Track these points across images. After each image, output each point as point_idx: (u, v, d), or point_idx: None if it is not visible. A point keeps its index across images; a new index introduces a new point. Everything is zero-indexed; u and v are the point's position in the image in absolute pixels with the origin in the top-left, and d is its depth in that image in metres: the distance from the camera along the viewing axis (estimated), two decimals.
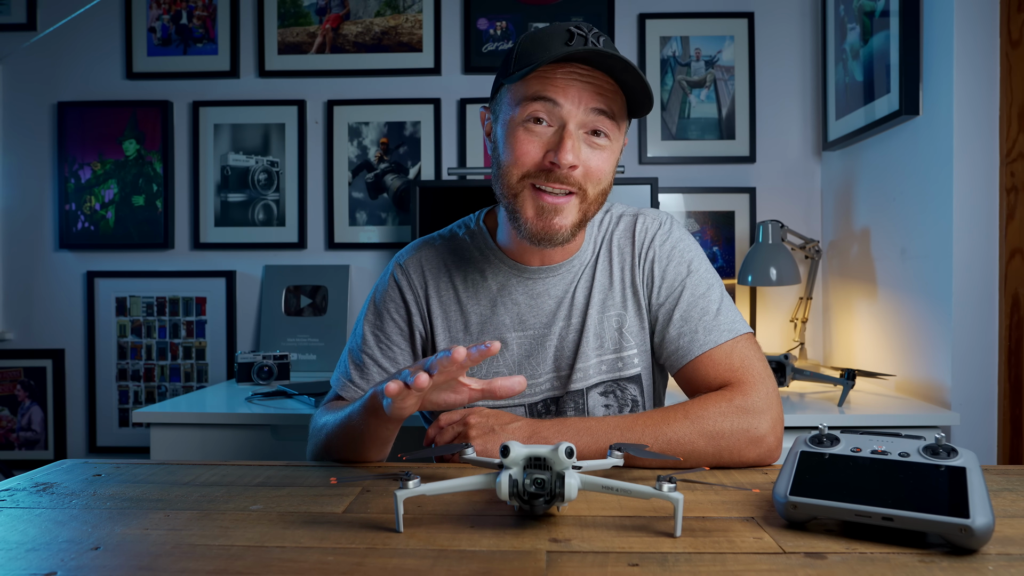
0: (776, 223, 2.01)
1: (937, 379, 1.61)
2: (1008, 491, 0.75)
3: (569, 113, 0.89)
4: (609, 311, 1.02)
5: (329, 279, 2.26)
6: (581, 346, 1.01)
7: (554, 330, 1.02)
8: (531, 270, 1.03)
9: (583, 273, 1.04)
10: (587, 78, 0.89)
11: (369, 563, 0.57)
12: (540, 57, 0.88)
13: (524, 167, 0.91)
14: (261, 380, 1.93)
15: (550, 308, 1.03)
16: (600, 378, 1.02)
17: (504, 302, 1.03)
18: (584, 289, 1.03)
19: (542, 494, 0.62)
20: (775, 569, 0.55)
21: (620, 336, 1.02)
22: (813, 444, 0.67)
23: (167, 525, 0.67)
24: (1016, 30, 1.51)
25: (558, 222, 0.92)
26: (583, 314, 1.02)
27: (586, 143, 0.91)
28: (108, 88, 2.31)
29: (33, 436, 2.32)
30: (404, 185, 2.27)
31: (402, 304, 1.06)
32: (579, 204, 0.93)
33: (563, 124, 0.90)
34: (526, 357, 1.02)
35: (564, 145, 0.88)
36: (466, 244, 1.07)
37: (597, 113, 0.90)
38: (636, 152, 2.27)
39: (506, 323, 1.02)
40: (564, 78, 0.89)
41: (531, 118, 0.90)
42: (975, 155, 1.55)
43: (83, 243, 2.30)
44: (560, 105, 0.89)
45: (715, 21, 2.24)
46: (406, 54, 2.28)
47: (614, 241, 1.05)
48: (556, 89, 0.89)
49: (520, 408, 1.02)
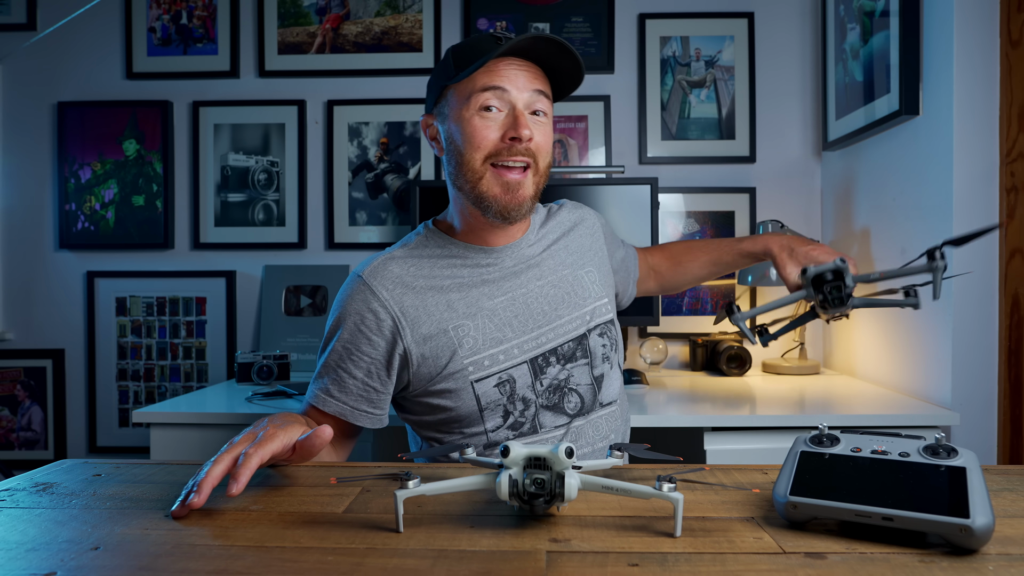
0: (776, 223, 2.01)
1: (937, 379, 1.61)
2: (1008, 491, 0.75)
3: (516, 96, 1.04)
4: (585, 267, 1.19)
5: (329, 279, 2.26)
6: (567, 298, 1.13)
7: (532, 289, 1.11)
8: (496, 250, 1.12)
9: (546, 241, 1.18)
10: (523, 67, 1.05)
11: (369, 563, 0.57)
12: (478, 58, 1.02)
13: (486, 149, 1.04)
14: (261, 380, 1.93)
15: (521, 271, 1.12)
16: (597, 321, 1.15)
17: (478, 280, 1.10)
18: (551, 252, 1.17)
19: (542, 494, 0.62)
20: (775, 569, 0.55)
21: (598, 288, 1.18)
22: (813, 444, 0.67)
23: (167, 525, 0.67)
24: (1016, 30, 1.51)
25: (521, 194, 1.05)
26: (558, 272, 1.15)
27: (532, 121, 1.05)
28: (108, 88, 2.32)
29: (33, 436, 2.32)
30: (404, 185, 2.27)
31: (370, 314, 1.06)
32: (533, 177, 1.07)
33: (512, 106, 1.04)
34: (514, 317, 1.08)
35: (520, 122, 1.02)
36: (426, 245, 1.14)
37: (538, 94, 1.05)
38: (636, 152, 2.27)
39: (485, 293, 1.09)
40: (505, 69, 1.03)
41: (484, 107, 1.03)
42: (975, 155, 1.55)
43: (83, 243, 2.30)
44: (507, 90, 1.03)
45: (715, 21, 2.24)
46: (406, 54, 2.28)
47: (564, 218, 1.24)
48: (501, 78, 1.03)
49: (523, 364, 1.07)
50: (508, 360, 1.06)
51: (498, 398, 1.05)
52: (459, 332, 1.05)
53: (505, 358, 1.06)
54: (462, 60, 1.04)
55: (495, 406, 1.05)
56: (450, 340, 1.04)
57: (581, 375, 1.11)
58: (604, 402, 1.13)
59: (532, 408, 1.07)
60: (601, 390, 1.13)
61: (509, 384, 1.06)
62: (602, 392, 1.13)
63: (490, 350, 1.05)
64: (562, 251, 1.18)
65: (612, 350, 1.16)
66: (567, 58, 1.04)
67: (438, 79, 1.09)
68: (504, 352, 1.06)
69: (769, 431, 1.53)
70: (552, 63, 1.06)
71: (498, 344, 1.06)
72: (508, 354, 1.06)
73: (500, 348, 1.06)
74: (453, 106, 1.06)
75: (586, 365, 1.12)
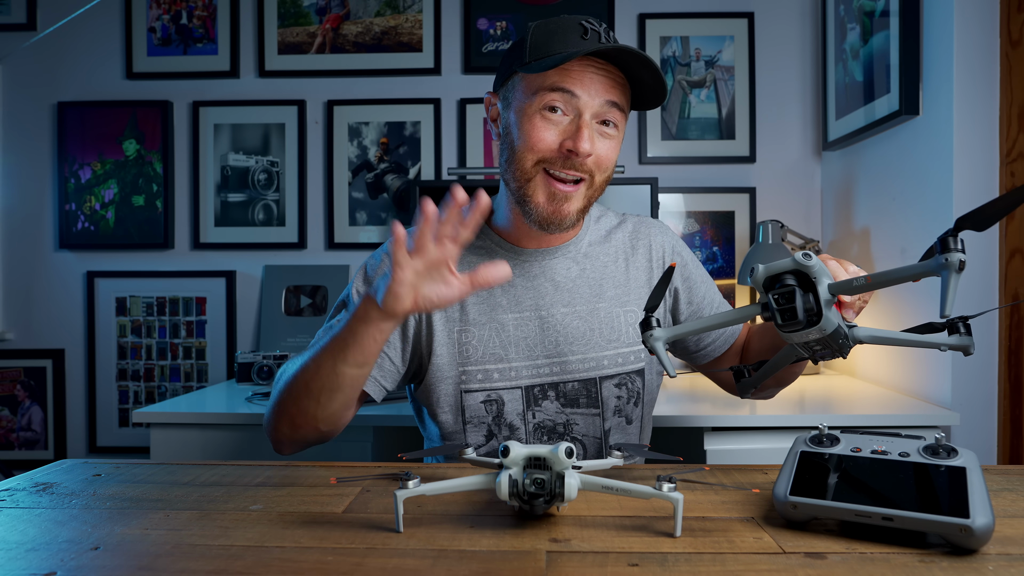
0: (776, 223, 2.01)
1: (937, 379, 1.61)
2: (1008, 491, 0.75)
3: (585, 104, 0.93)
4: (627, 306, 1.06)
5: (329, 279, 2.26)
6: (591, 335, 1.03)
7: (555, 314, 1.03)
8: (527, 252, 1.05)
9: (586, 263, 1.07)
10: (601, 71, 0.94)
11: (369, 563, 0.57)
12: (557, 49, 0.92)
13: (540, 152, 0.95)
14: (261, 380, 1.93)
15: (548, 291, 1.04)
16: (616, 370, 1.04)
17: (501, 284, 1.02)
18: (589, 279, 1.06)
19: (542, 494, 0.62)
20: (775, 569, 0.55)
21: (635, 332, 1.05)
22: (813, 444, 0.67)
23: (167, 525, 0.67)
24: (1016, 30, 1.51)
25: (567, 208, 0.96)
26: (591, 303, 1.04)
27: (597, 132, 0.95)
28: (108, 88, 2.31)
29: (33, 436, 2.31)
30: (404, 185, 2.27)
31: None
32: (586, 191, 0.97)
33: (579, 114, 0.94)
34: (523, 339, 1.02)
35: (582, 134, 0.92)
36: None
37: (610, 105, 0.95)
38: (636, 152, 2.27)
39: (503, 304, 1.03)
40: (580, 70, 0.93)
41: (548, 107, 0.94)
42: (975, 155, 1.55)
43: (83, 243, 2.30)
44: (577, 96, 0.93)
45: (715, 21, 2.24)
46: (406, 54, 2.28)
47: (621, 241, 1.10)
48: (574, 81, 0.93)
49: (516, 390, 1.02)
50: (502, 380, 1.01)
51: (483, 415, 1.02)
52: (464, 337, 1.02)
53: (500, 377, 1.01)
54: (539, 47, 0.94)
55: (479, 422, 1.02)
56: (453, 342, 1.02)
57: (588, 425, 1.03)
58: None
59: (521, 436, 1.02)
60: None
61: (497, 404, 1.02)
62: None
63: (486, 365, 1.01)
64: (607, 281, 1.06)
65: (630, 404, 1.05)
66: (649, 72, 0.94)
67: (510, 59, 0.99)
68: (499, 371, 1.01)
69: (769, 431, 1.53)
70: (634, 73, 0.96)
71: (497, 361, 1.01)
72: (503, 374, 1.01)
73: (496, 366, 1.01)
74: (518, 95, 0.97)
75: (596, 415, 1.03)
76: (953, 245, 0.56)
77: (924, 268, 0.57)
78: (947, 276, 0.56)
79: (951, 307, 0.55)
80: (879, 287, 0.61)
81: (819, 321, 0.60)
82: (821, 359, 0.66)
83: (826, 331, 0.61)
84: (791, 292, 0.60)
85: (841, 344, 0.63)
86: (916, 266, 0.58)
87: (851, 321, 0.73)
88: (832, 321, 0.61)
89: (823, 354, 0.65)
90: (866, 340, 0.64)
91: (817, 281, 0.61)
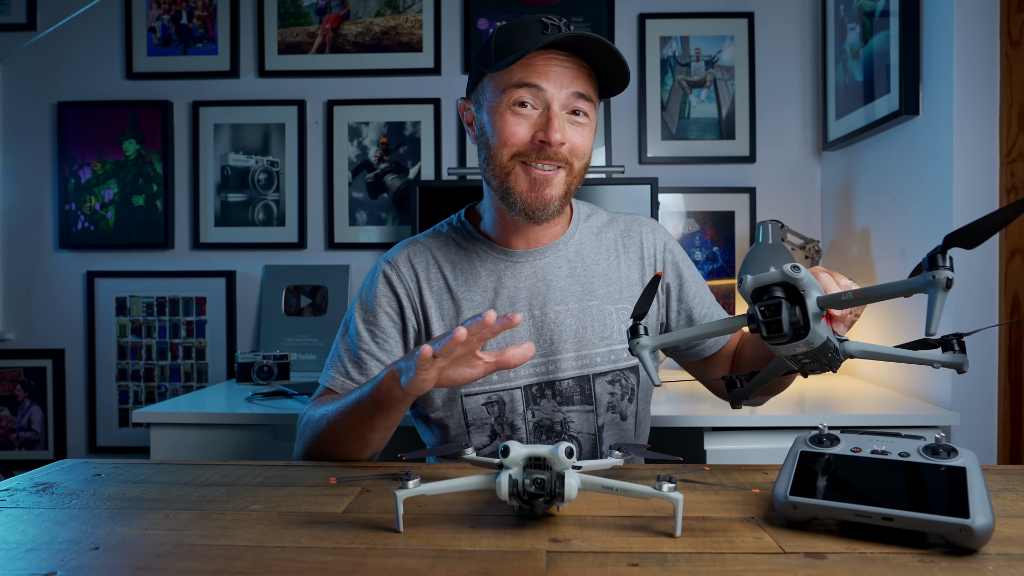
0: (776, 223, 2.01)
1: (937, 379, 1.61)
2: (1008, 491, 0.75)
3: (552, 96, 0.96)
4: (619, 304, 1.07)
5: (329, 279, 2.26)
6: (583, 333, 1.04)
7: (548, 313, 1.04)
8: (517, 253, 1.06)
9: (577, 261, 1.08)
10: (565, 63, 0.97)
11: (369, 563, 0.57)
12: (520, 46, 0.95)
13: (514, 147, 0.98)
14: (261, 380, 1.93)
15: (541, 290, 1.05)
16: (609, 367, 1.05)
17: (494, 287, 1.05)
18: (580, 277, 1.07)
19: (542, 494, 0.62)
20: (775, 569, 0.55)
21: (624, 328, 1.06)
22: (813, 444, 0.67)
23: (167, 525, 0.67)
24: (1016, 30, 1.51)
25: (549, 193, 0.99)
26: (583, 301, 1.05)
27: (569, 122, 0.98)
28: (108, 88, 2.31)
29: (33, 436, 2.31)
30: (404, 185, 2.27)
31: (394, 298, 1.07)
32: (566, 177, 1.00)
33: (547, 106, 0.97)
34: (520, 339, 1.04)
35: (552, 125, 0.95)
36: (451, 238, 1.10)
37: (577, 96, 0.98)
38: (636, 152, 2.27)
39: (498, 307, 1.04)
40: (544, 64, 0.96)
41: (517, 102, 0.97)
42: (975, 155, 1.55)
43: (83, 243, 2.30)
44: (544, 89, 0.96)
45: (715, 21, 2.24)
46: (406, 54, 2.28)
47: (612, 239, 1.11)
48: (539, 75, 0.96)
49: (516, 390, 1.03)
50: (502, 382, 1.02)
51: (485, 417, 1.03)
52: None
53: (499, 379, 1.02)
54: (503, 47, 0.97)
55: (482, 424, 1.03)
56: None
57: (582, 422, 1.04)
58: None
59: (522, 436, 1.04)
60: (603, 443, 1.06)
61: (499, 405, 1.03)
62: (604, 445, 1.06)
63: None
64: (599, 279, 1.08)
65: (624, 400, 1.06)
66: (611, 58, 0.96)
67: (478, 64, 1.02)
68: (499, 373, 1.02)
69: (769, 431, 1.53)
70: (598, 61, 0.98)
71: None
72: (503, 376, 1.02)
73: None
74: (488, 96, 1.00)
75: (589, 412, 1.04)
76: (941, 262, 0.55)
77: (912, 285, 0.57)
78: (934, 294, 0.55)
79: (937, 325, 0.55)
80: (868, 302, 0.60)
81: (806, 335, 0.59)
82: (810, 372, 0.65)
83: (813, 345, 0.60)
84: (777, 304, 0.59)
85: (831, 358, 0.63)
86: (904, 282, 0.58)
87: (842, 335, 0.72)
88: (820, 335, 0.60)
89: (812, 367, 0.65)
90: (857, 355, 0.63)
91: (806, 294, 0.60)
